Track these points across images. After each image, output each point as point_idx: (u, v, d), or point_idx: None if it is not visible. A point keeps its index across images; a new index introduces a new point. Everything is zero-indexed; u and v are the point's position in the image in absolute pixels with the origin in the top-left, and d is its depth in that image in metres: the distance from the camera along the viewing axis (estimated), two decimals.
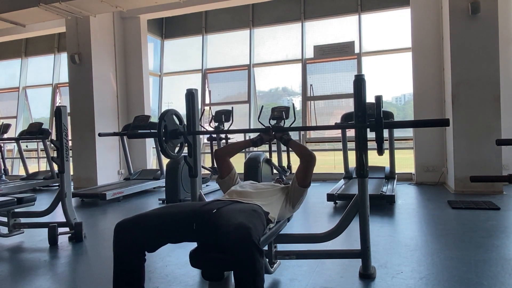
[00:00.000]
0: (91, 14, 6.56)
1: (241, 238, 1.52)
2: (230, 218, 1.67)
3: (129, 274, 1.74)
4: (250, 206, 1.90)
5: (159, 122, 2.53)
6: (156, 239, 1.77)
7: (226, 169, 2.39)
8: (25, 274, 2.77)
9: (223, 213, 1.74)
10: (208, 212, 1.76)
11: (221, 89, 8.26)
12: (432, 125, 2.41)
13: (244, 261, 1.50)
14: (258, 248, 1.53)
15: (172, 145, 2.63)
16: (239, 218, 1.66)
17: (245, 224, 1.58)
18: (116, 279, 1.74)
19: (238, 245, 1.51)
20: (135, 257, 1.74)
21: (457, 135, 5.26)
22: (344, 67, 7.24)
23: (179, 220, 1.78)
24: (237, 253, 1.51)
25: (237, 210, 1.79)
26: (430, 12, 6.06)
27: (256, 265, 1.50)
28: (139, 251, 1.75)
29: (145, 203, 5.57)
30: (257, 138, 2.52)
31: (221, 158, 2.43)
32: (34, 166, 8.93)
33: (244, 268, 1.51)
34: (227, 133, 6.01)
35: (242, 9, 7.85)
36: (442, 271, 2.48)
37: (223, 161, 2.42)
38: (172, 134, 2.60)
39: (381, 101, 2.29)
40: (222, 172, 2.40)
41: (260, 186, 2.28)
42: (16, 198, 3.50)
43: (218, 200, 2.05)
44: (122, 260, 1.73)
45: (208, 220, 1.73)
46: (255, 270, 1.50)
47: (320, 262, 2.71)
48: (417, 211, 4.36)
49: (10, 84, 9.71)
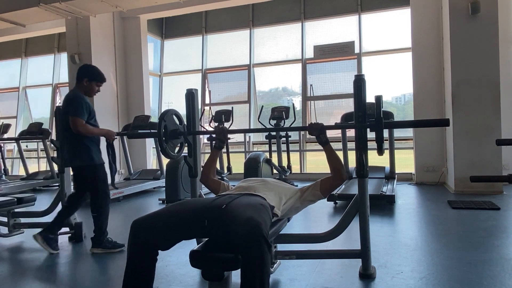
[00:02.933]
0: (91, 14, 6.55)
1: (251, 232, 1.58)
2: (240, 213, 1.71)
3: (141, 274, 1.76)
4: (257, 200, 1.93)
5: (159, 122, 2.53)
6: (171, 237, 1.80)
7: (216, 186, 2.41)
8: (25, 274, 2.78)
9: (232, 208, 1.78)
10: (218, 207, 1.79)
11: (221, 89, 8.26)
12: (432, 125, 2.41)
13: (253, 254, 1.56)
14: (267, 241, 1.59)
15: (172, 145, 2.63)
16: (248, 213, 1.70)
17: (255, 219, 1.64)
18: (127, 277, 1.76)
19: (248, 239, 1.57)
20: (149, 257, 1.76)
21: (457, 135, 5.26)
22: (344, 67, 7.24)
23: (192, 217, 1.80)
24: (246, 246, 1.57)
25: (246, 204, 1.82)
26: (430, 12, 6.06)
27: (264, 258, 1.57)
28: (153, 250, 1.77)
29: (145, 203, 5.57)
30: (215, 142, 2.56)
31: (207, 180, 2.45)
32: (34, 166, 8.92)
33: (252, 261, 1.57)
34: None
35: (242, 9, 7.85)
36: (442, 271, 2.48)
37: (210, 182, 2.45)
38: (172, 134, 2.61)
39: (381, 101, 2.29)
40: (213, 189, 2.43)
41: (270, 181, 2.29)
42: (16, 198, 3.51)
43: (226, 194, 2.08)
44: (136, 258, 1.75)
45: (219, 215, 1.75)
46: (264, 263, 1.57)
47: (320, 262, 2.71)
48: (417, 211, 4.36)
49: (10, 84, 9.71)
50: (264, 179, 2.34)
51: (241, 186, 2.21)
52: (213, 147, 2.58)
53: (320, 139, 2.31)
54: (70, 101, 3.16)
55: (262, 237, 1.57)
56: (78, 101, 3.13)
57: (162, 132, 2.51)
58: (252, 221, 1.62)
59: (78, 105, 3.10)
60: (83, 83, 3.27)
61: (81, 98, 3.18)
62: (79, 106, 3.10)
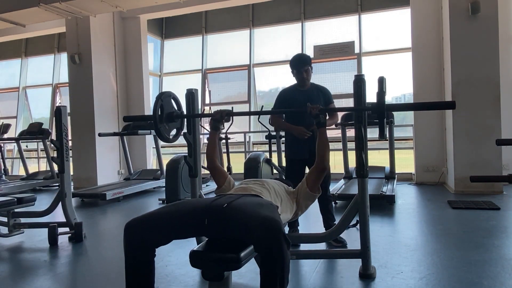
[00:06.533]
0: (91, 14, 6.56)
1: (271, 230, 1.57)
2: (248, 211, 1.70)
3: (140, 270, 1.76)
4: (264, 200, 1.92)
5: (156, 101, 2.42)
6: (166, 237, 1.80)
7: (222, 176, 2.34)
8: (25, 274, 2.77)
9: (236, 206, 1.75)
10: (219, 207, 1.77)
11: (221, 89, 8.26)
12: (438, 108, 2.33)
13: (274, 252, 1.56)
14: (286, 239, 1.59)
15: (167, 128, 2.54)
16: (263, 212, 1.69)
17: (272, 217, 1.64)
18: (128, 275, 1.76)
19: (268, 237, 1.56)
20: (145, 254, 1.77)
21: (457, 135, 5.26)
22: (344, 67, 7.24)
23: (190, 217, 1.79)
24: (266, 245, 1.56)
25: (256, 204, 1.80)
26: (430, 12, 6.06)
27: (285, 256, 1.56)
28: (149, 248, 1.77)
29: (145, 203, 5.57)
30: (210, 123, 2.51)
31: (213, 164, 2.37)
32: (34, 166, 8.93)
33: (274, 259, 1.56)
34: (226, 133, 6.01)
35: (242, 9, 7.85)
36: (442, 271, 2.48)
37: (217, 170, 2.36)
38: (168, 116, 2.52)
39: (384, 83, 2.20)
40: (218, 180, 2.34)
41: (270, 182, 2.26)
42: (16, 198, 3.50)
43: (226, 194, 2.05)
44: (133, 257, 1.75)
45: (220, 215, 1.74)
46: (284, 260, 1.56)
47: (320, 262, 2.71)
48: (417, 211, 4.36)
49: (10, 84, 9.71)
50: (263, 180, 2.31)
51: (241, 187, 2.18)
52: (210, 128, 2.53)
53: (319, 119, 2.29)
54: None
55: (282, 235, 1.57)
56: None
57: (158, 110, 2.41)
58: (270, 220, 1.61)
59: None
60: None
61: None
62: None
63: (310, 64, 3.20)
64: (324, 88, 3.28)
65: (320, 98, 3.17)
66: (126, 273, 1.76)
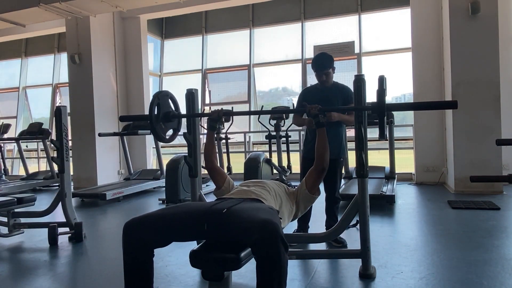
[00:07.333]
0: (91, 14, 6.56)
1: (269, 233, 1.57)
2: (248, 216, 1.70)
3: (139, 269, 1.77)
4: (264, 205, 1.92)
5: (153, 99, 2.39)
6: (165, 238, 1.80)
7: (221, 177, 2.34)
8: (25, 274, 2.77)
9: (237, 211, 1.76)
10: (218, 212, 1.77)
11: (221, 89, 8.26)
12: (440, 108, 2.32)
13: (271, 255, 1.55)
14: (284, 242, 1.59)
15: (164, 128, 2.51)
16: (262, 215, 1.69)
17: (271, 220, 1.64)
18: (126, 274, 1.77)
19: (266, 240, 1.56)
20: (144, 254, 1.77)
21: (457, 135, 5.25)
22: (344, 67, 7.23)
23: (189, 221, 1.79)
24: (264, 248, 1.56)
25: (255, 208, 1.81)
26: (430, 12, 6.06)
27: (282, 259, 1.56)
28: (148, 248, 1.78)
29: (145, 203, 5.57)
30: (207, 122, 2.51)
31: (212, 165, 2.37)
32: (34, 166, 8.93)
33: (271, 263, 1.56)
34: (226, 133, 6.03)
35: (242, 9, 7.85)
36: (442, 271, 2.48)
37: (215, 171, 2.36)
38: (165, 116, 2.50)
39: (384, 82, 2.19)
40: (217, 180, 2.33)
41: (270, 183, 2.25)
42: (16, 198, 3.51)
43: (227, 198, 2.05)
44: (132, 257, 1.76)
45: (219, 220, 1.74)
46: (281, 264, 1.56)
47: (320, 262, 2.71)
48: (417, 211, 4.37)
49: (10, 84, 9.71)
50: (264, 181, 2.31)
51: (242, 190, 2.17)
52: (207, 128, 2.52)
53: (318, 119, 2.28)
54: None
55: (280, 238, 1.57)
56: None
57: (154, 109, 2.38)
58: (268, 223, 1.61)
59: None
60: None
61: None
62: None
63: (332, 66, 3.19)
64: (345, 88, 3.24)
65: (338, 97, 3.17)
66: (125, 272, 1.77)
